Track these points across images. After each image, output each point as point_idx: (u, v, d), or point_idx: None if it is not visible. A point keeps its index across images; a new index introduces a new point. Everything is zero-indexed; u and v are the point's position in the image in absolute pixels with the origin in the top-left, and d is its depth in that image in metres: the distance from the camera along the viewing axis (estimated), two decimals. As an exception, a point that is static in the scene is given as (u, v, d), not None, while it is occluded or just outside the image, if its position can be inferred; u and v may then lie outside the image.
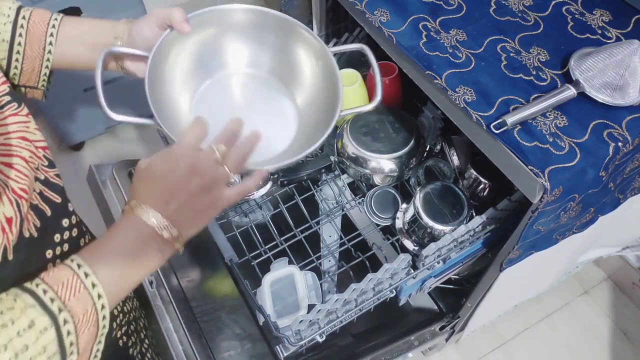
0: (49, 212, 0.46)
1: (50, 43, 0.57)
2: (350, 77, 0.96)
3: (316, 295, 0.84)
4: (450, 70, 0.69)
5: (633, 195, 0.78)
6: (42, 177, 0.46)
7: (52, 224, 0.47)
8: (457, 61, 0.70)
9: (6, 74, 0.56)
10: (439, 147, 0.98)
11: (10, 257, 0.40)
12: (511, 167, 0.62)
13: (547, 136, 0.62)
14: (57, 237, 0.48)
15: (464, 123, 0.68)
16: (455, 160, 0.92)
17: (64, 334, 0.38)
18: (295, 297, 0.80)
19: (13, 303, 0.37)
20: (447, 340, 1.11)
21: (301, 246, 0.91)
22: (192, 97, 0.64)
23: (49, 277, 0.40)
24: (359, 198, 0.98)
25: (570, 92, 0.64)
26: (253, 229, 0.91)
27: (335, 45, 1.04)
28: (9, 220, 0.39)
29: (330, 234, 0.99)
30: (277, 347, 0.84)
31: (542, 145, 0.61)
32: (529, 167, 0.60)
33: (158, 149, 0.49)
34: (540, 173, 0.59)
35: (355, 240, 0.92)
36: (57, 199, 0.48)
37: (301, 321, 0.69)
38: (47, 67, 0.58)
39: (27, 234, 0.42)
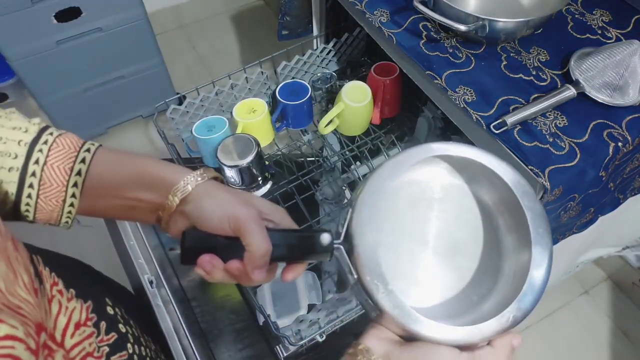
0: None
1: (73, 195, 0.45)
2: (361, 92, 0.93)
3: (316, 295, 0.84)
4: (450, 70, 0.69)
5: (633, 195, 0.78)
6: None
7: None
8: (457, 61, 0.70)
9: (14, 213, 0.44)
10: (439, 147, 0.98)
11: None
12: (511, 167, 0.62)
13: (547, 136, 0.62)
14: None
15: (464, 123, 0.68)
16: (455, 160, 0.92)
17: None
18: (295, 297, 0.80)
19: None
20: (447, 340, 1.11)
21: (301, 246, 0.91)
22: None
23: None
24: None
25: (570, 92, 0.64)
26: (253, 228, 0.91)
27: (335, 45, 1.04)
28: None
29: (330, 233, 0.99)
30: (277, 346, 0.84)
31: (542, 145, 0.61)
32: (529, 167, 0.60)
33: (158, 147, 0.48)
34: (540, 173, 0.59)
35: (356, 240, 0.91)
36: None
37: (301, 321, 0.69)
38: (69, 212, 0.46)
39: None
